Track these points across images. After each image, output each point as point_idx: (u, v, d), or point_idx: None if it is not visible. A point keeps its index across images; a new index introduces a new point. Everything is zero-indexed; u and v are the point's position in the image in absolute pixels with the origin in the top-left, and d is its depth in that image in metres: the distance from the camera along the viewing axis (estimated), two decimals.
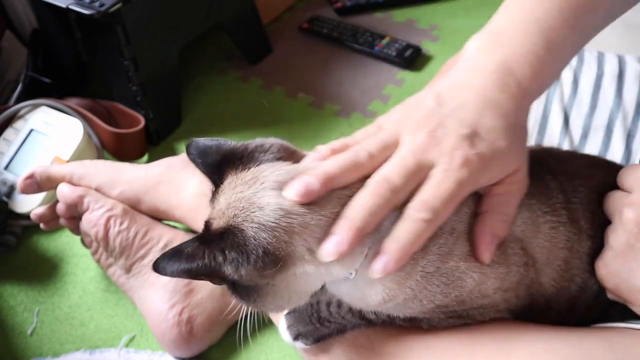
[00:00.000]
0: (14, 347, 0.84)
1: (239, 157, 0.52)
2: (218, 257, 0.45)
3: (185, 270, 0.46)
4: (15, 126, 1.02)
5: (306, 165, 0.50)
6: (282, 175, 0.48)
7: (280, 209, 0.45)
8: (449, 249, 0.48)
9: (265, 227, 0.45)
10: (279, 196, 0.46)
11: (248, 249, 0.45)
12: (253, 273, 0.45)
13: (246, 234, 0.45)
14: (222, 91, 1.24)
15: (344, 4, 1.42)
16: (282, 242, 0.45)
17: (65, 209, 0.82)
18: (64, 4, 0.96)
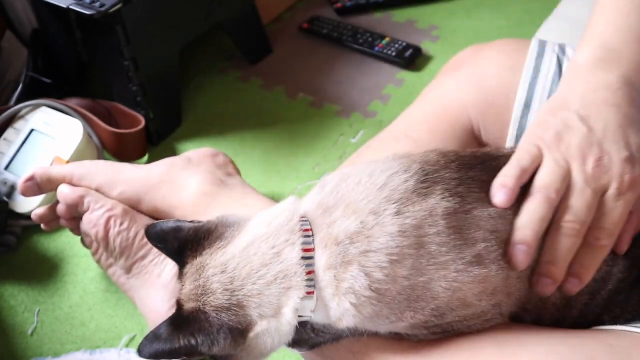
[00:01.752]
0: (14, 347, 0.84)
1: (190, 243, 0.56)
2: (191, 341, 0.51)
3: (166, 352, 0.52)
4: (15, 126, 1.02)
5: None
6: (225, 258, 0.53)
7: (225, 290, 0.51)
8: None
9: (222, 308, 0.51)
10: (224, 276, 0.52)
11: (213, 330, 0.51)
12: (225, 348, 0.51)
13: (209, 316, 0.51)
14: (222, 91, 1.24)
15: (344, 4, 1.43)
16: (240, 316, 0.51)
17: (65, 209, 0.82)
18: (64, 4, 0.96)
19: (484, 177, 0.53)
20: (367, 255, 0.49)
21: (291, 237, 0.51)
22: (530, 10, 1.36)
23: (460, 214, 0.51)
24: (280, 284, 0.50)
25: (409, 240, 0.49)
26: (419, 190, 0.51)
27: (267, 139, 1.13)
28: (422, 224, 0.49)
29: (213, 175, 0.83)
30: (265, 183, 1.04)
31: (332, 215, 0.51)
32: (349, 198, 0.52)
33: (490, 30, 1.32)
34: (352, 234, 0.50)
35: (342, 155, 1.08)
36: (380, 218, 0.50)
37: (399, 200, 0.50)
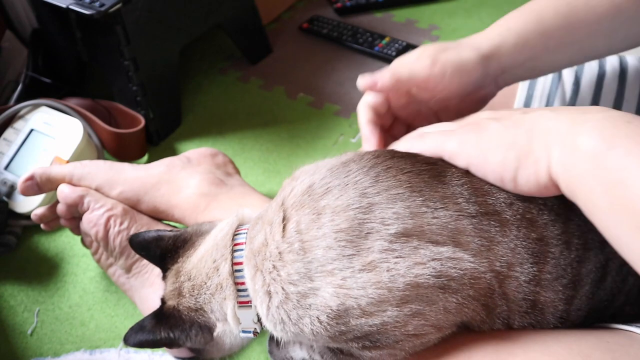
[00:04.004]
0: (14, 347, 0.84)
1: (170, 252, 0.62)
2: (170, 334, 0.58)
3: (148, 342, 0.58)
4: (15, 126, 1.02)
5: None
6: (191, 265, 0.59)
7: (191, 295, 0.58)
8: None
9: (191, 309, 0.57)
10: (189, 283, 0.58)
11: (187, 326, 0.58)
12: (198, 343, 0.58)
13: (182, 314, 0.58)
14: (222, 91, 1.24)
15: (344, 4, 1.43)
16: (206, 317, 0.57)
17: (65, 209, 0.82)
18: (64, 4, 0.96)
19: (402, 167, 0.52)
20: (265, 265, 0.51)
21: (225, 252, 0.56)
22: None
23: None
24: (220, 294, 0.56)
25: (294, 246, 0.49)
26: (309, 194, 0.51)
27: (267, 139, 1.13)
28: (309, 228, 0.49)
29: (212, 175, 0.83)
30: (265, 183, 1.04)
31: (255, 229, 0.54)
32: (270, 208, 0.54)
33: None
34: (260, 247, 0.52)
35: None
36: (272, 227, 0.52)
37: (290, 207, 0.52)
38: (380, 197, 0.49)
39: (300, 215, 0.50)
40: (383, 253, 0.47)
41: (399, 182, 0.49)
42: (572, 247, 0.50)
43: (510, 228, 0.49)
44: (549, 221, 0.50)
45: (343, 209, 0.49)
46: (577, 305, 0.52)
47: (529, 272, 0.49)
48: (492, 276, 0.48)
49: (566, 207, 0.50)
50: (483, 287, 0.49)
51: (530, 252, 0.49)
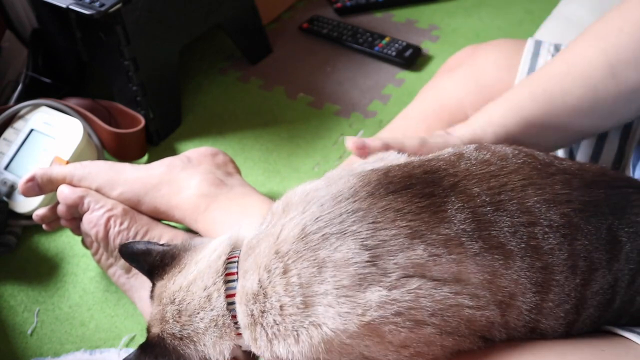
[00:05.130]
0: (14, 347, 0.84)
1: (157, 268, 0.59)
2: None
3: None
4: (15, 126, 1.02)
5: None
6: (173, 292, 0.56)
7: (176, 322, 0.54)
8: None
9: (176, 337, 0.54)
10: (173, 307, 0.55)
11: (173, 357, 0.54)
12: None
13: (166, 342, 0.54)
14: (222, 91, 1.24)
15: (344, 4, 1.43)
16: (193, 349, 0.53)
17: (65, 210, 0.82)
18: (64, 4, 0.96)
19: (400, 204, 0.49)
20: (265, 317, 0.49)
21: (217, 281, 0.53)
22: (530, 10, 1.36)
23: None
24: (214, 332, 0.53)
25: (296, 300, 0.48)
26: (305, 240, 0.49)
27: (267, 139, 1.13)
28: (311, 283, 0.48)
29: (212, 175, 0.83)
30: (265, 183, 1.04)
31: (247, 262, 0.52)
32: (261, 245, 0.51)
33: (490, 30, 1.33)
34: (257, 294, 0.50)
35: (342, 155, 1.08)
36: (272, 277, 0.49)
37: (286, 255, 0.49)
38: (381, 249, 0.47)
39: (300, 267, 0.48)
40: (382, 308, 0.46)
41: (399, 230, 0.47)
42: (577, 271, 0.49)
43: (515, 259, 0.48)
44: (555, 246, 0.48)
45: (344, 263, 0.47)
46: (578, 328, 0.51)
47: (531, 301, 0.48)
48: (493, 309, 0.48)
49: (572, 225, 0.49)
50: (483, 324, 0.48)
51: (533, 282, 0.48)
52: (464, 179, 0.50)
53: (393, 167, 0.53)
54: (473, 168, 0.51)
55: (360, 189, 0.50)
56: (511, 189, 0.49)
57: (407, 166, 0.52)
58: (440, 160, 0.53)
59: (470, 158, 0.53)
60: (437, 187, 0.50)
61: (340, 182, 0.52)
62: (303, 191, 0.53)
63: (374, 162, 0.58)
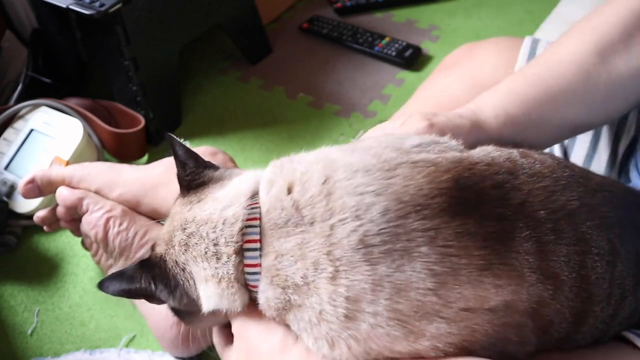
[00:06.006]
0: (14, 347, 0.84)
1: (187, 182, 0.55)
2: (151, 285, 0.51)
3: (125, 291, 0.52)
4: (15, 126, 1.02)
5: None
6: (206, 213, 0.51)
7: (180, 252, 0.51)
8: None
9: (179, 266, 0.51)
10: (182, 235, 0.51)
11: (171, 284, 0.51)
12: (181, 305, 0.52)
13: (167, 267, 0.51)
14: (222, 91, 1.24)
15: (344, 4, 1.43)
16: (192, 287, 0.50)
17: (65, 211, 0.82)
18: (64, 4, 0.96)
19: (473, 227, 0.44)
20: (302, 311, 0.47)
21: (230, 243, 0.49)
22: (530, 10, 1.36)
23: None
24: (216, 286, 0.49)
25: (338, 310, 0.45)
26: (364, 250, 0.44)
27: (267, 139, 1.13)
28: (361, 300, 0.44)
29: None
30: None
31: (282, 243, 0.47)
32: (309, 232, 0.46)
33: (490, 30, 1.32)
34: (295, 284, 0.46)
35: None
36: (318, 276, 0.45)
37: (339, 261, 0.44)
38: (448, 277, 0.43)
39: (352, 279, 0.44)
40: (436, 339, 0.43)
41: (469, 260, 0.43)
42: (611, 301, 0.48)
43: (563, 290, 0.46)
44: (600, 275, 0.47)
45: (405, 287, 0.43)
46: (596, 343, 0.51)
47: (564, 331, 0.47)
48: (532, 340, 0.46)
49: (615, 250, 0.48)
50: (522, 357, 0.47)
51: (573, 313, 0.46)
52: (529, 195, 0.47)
53: (460, 173, 0.47)
54: (531, 181, 0.48)
55: (431, 200, 0.45)
56: (568, 213, 0.47)
57: (473, 174, 0.47)
58: (497, 165, 0.49)
59: (524, 167, 0.49)
60: (506, 208, 0.46)
61: (401, 177, 0.46)
62: (350, 181, 0.46)
63: (428, 143, 0.51)
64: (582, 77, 0.61)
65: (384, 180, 0.46)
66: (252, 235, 0.49)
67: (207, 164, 0.57)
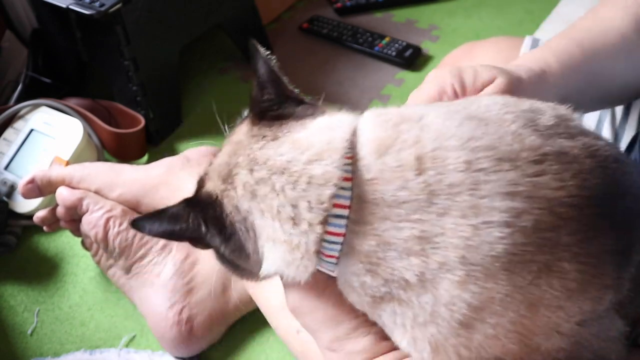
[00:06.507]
0: (14, 347, 0.84)
1: (255, 108, 0.48)
2: (201, 227, 0.44)
3: (168, 232, 0.45)
4: (15, 126, 1.02)
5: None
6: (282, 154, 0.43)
7: (244, 197, 0.43)
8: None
9: (239, 212, 0.43)
10: (249, 177, 0.43)
11: (227, 231, 0.44)
12: (231, 255, 0.45)
13: (224, 211, 0.44)
14: (222, 91, 1.24)
15: (344, 4, 1.42)
16: (252, 239, 0.44)
17: (64, 211, 0.83)
18: (64, 4, 0.96)
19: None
20: (403, 306, 0.42)
21: (316, 209, 0.41)
22: (530, 10, 1.36)
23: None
24: (285, 250, 0.42)
25: (457, 317, 0.41)
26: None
27: None
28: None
29: None
30: None
31: (392, 232, 0.40)
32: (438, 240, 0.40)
33: (490, 30, 1.32)
34: (407, 282, 0.41)
35: None
36: (439, 276, 0.40)
37: (477, 266, 0.40)
38: (576, 292, 0.40)
39: (484, 286, 0.39)
40: (547, 354, 0.41)
41: (601, 278, 0.40)
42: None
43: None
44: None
45: (536, 302, 0.40)
46: None
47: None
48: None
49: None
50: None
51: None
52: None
53: (603, 177, 0.41)
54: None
55: (580, 212, 0.40)
56: None
57: (608, 175, 0.42)
58: (623, 163, 0.44)
59: (628, 163, 0.45)
60: (632, 219, 0.42)
61: (549, 176, 0.40)
62: (497, 175, 0.40)
63: (560, 123, 0.44)
64: (621, 42, 0.62)
65: (533, 179, 0.40)
66: (341, 200, 0.41)
67: (290, 95, 0.50)
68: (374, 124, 0.44)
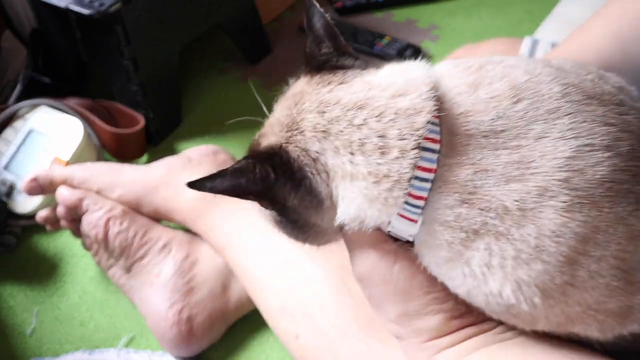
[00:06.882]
0: (13, 348, 0.83)
1: (311, 62, 0.48)
2: (271, 175, 0.42)
3: (235, 186, 0.43)
4: (14, 126, 1.02)
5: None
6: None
7: (314, 138, 0.42)
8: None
9: (308, 155, 0.42)
10: (319, 119, 0.42)
11: (297, 176, 0.42)
12: (299, 206, 0.43)
13: (291, 156, 0.43)
14: (222, 91, 1.24)
15: (344, 4, 1.42)
16: (320, 178, 0.42)
17: (65, 211, 0.83)
18: (64, 4, 0.96)
19: None
20: (501, 241, 0.40)
21: (408, 136, 0.40)
22: (530, 10, 1.36)
23: None
24: (366, 189, 0.41)
25: (563, 249, 0.39)
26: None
27: None
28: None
29: None
30: None
31: (489, 159, 0.40)
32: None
33: (490, 30, 1.32)
34: (506, 210, 0.39)
35: None
36: (542, 203, 0.39)
37: (581, 191, 0.39)
38: None
39: (589, 214, 0.39)
40: None
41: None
42: None
43: None
44: None
45: (637, 235, 0.39)
46: None
47: None
48: None
49: None
50: None
51: None
52: None
53: None
54: None
55: None
56: None
57: None
58: None
59: None
60: None
61: (632, 117, 0.42)
62: (591, 108, 0.41)
63: (622, 88, 0.46)
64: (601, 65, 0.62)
65: (621, 116, 0.41)
66: (432, 134, 0.41)
67: (346, 50, 0.50)
68: (455, 69, 0.44)
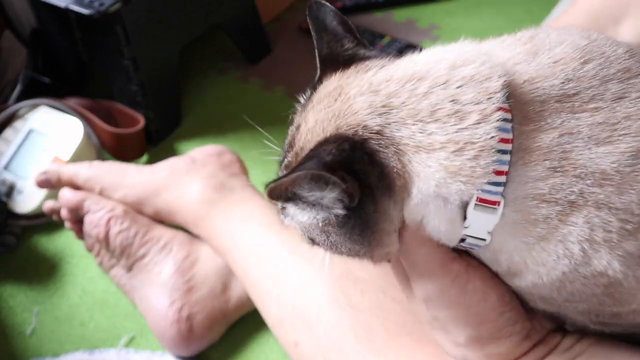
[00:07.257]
0: (13, 348, 0.83)
1: (331, 58, 0.46)
2: (343, 151, 0.39)
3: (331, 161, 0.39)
4: (14, 126, 1.02)
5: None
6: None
7: (379, 114, 0.39)
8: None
9: (367, 128, 0.39)
10: (373, 98, 0.40)
11: (356, 155, 0.39)
12: (377, 190, 0.39)
13: (347, 133, 0.40)
14: (222, 91, 1.24)
15: (344, 3, 1.42)
16: (389, 152, 0.38)
17: (68, 212, 0.84)
18: (64, 4, 0.96)
19: None
20: (601, 211, 0.37)
21: (484, 101, 0.37)
22: (530, 10, 1.36)
23: None
24: (452, 157, 0.37)
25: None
26: None
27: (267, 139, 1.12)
28: None
29: (215, 179, 0.82)
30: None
31: (571, 122, 0.37)
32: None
33: (490, 30, 1.31)
34: (604, 175, 0.36)
35: None
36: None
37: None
38: None
39: None
40: None
41: None
42: None
43: None
44: None
45: None
46: None
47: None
48: None
49: None
50: None
51: None
52: None
53: None
54: None
55: None
56: None
57: None
58: None
59: None
60: None
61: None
62: (626, 63, 0.39)
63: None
64: None
65: None
66: (502, 103, 0.38)
67: (365, 44, 0.47)
68: (502, 44, 0.42)
